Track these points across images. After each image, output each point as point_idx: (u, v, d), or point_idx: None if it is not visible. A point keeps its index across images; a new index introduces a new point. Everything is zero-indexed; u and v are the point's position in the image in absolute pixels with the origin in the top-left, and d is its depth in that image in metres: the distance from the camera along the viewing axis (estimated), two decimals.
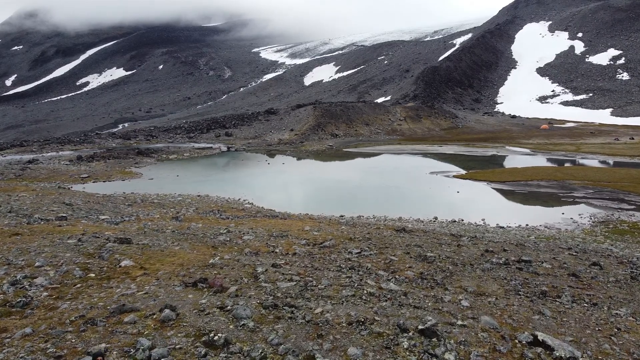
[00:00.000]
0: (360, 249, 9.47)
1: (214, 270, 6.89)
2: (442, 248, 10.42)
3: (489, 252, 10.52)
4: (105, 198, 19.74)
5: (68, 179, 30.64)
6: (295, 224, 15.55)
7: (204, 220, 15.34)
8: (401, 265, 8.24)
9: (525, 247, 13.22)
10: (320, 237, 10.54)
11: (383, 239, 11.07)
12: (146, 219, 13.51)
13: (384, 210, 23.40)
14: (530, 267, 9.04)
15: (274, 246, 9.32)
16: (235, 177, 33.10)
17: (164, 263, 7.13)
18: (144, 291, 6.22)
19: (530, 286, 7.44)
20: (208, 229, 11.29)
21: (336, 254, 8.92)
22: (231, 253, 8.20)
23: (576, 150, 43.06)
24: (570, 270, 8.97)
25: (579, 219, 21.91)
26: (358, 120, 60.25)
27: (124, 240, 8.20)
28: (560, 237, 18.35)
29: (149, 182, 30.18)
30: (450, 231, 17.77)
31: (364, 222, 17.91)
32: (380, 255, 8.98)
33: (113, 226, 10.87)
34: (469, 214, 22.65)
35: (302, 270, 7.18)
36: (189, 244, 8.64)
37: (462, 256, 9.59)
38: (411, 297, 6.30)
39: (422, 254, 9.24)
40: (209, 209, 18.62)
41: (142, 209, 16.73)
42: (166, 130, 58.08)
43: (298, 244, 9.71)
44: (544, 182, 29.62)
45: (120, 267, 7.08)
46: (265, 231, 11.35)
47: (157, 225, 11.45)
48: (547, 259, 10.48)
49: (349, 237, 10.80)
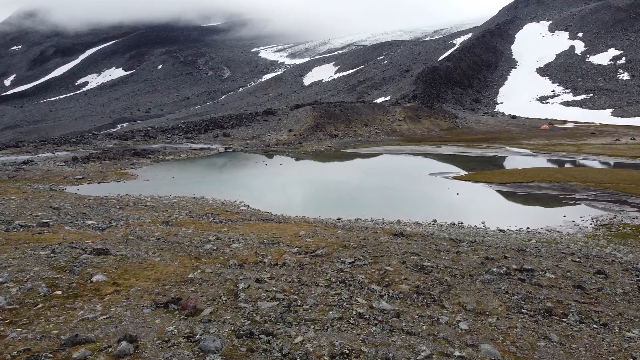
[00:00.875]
0: (354, 258, 9.05)
1: (191, 287, 6.43)
2: (440, 256, 10.00)
3: (489, 260, 10.10)
4: (97, 201, 19.32)
5: (62, 181, 30.23)
6: (290, 228, 15.14)
7: (196, 224, 14.92)
8: (396, 276, 7.82)
9: (526, 253, 12.80)
10: (313, 245, 10.11)
11: (379, 245, 10.65)
12: (135, 224, 13.08)
13: (383, 212, 23.00)
14: (533, 278, 8.62)
15: (263, 255, 8.90)
16: (232, 179, 32.70)
17: (139, 278, 6.68)
18: (108, 314, 5.68)
19: (533, 301, 7.02)
20: (197, 235, 10.87)
21: (328, 263, 8.50)
22: (214, 265, 7.77)
23: (577, 151, 42.64)
24: (575, 281, 8.56)
25: (581, 221, 21.50)
26: (357, 121, 59.83)
27: (101, 251, 7.73)
28: (562, 240, 17.93)
29: (144, 184, 29.77)
30: (450, 235, 17.36)
31: (361, 226, 17.50)
32: (375, 265, 8.56)
33: (97, 233, 10.45)
34: (469, 217, 22.24)
35: (287, 286, 6.74)
36: (171, 255, 8.21)
37: (461, 265, 9.17)
38: (404, 319, 5.85)
39: (419, 264, 8.82)
40: (202, 212, 18.20)
41: (133, 213, 16.31)
42: (164, 130, 57.67)
43: (289, 252, 9.29)
44: (545, 183, 29.21)
45: (92, 282, 6.58)
46: (257, 237, 10.93)
47: (144, 232, 11.02)
48: (549, 267, 10.07)
49: (343, 245, 10.37)
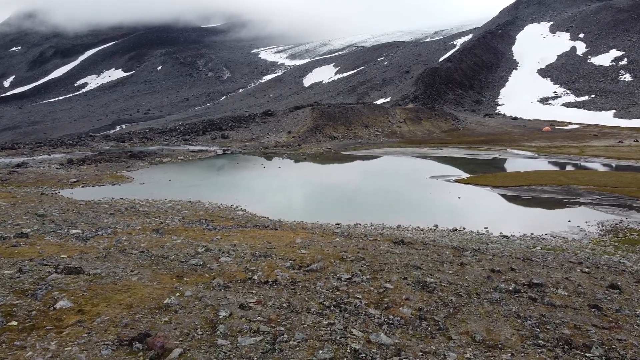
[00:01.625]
0: (352, 273, 8.45)
1: (165, 316, 5.79)
2: (443, 268, 9.42)
3: (495, 273, 9.52)
4: (87, 206, 18.75)
5: (56, 184, 29.66)
6: (286, 235, 14.57)
7: (188, 231, 14.34)
8: (397, 296, 7.23)
9: (533, 263, 12.22)
10: (308, 257, 9.52)
11: (378, 256, 10.07)
12: (124, 232, 12.50)
13: (383, 216, 22.41)
14: (545, 296, 8.04)
15: (253, 271, 8.29)
16: (229, 181, 32.13)
17: (109, 303, 6.05)
18: (60, 357, 4.98)
19: (549, 328, 6.43)
20: (185, 246, 10.28)
21: (323, 280, 7.89)
22: (196, 286, 7.15)
23: (580, 153, 42.06)
24: (590, 298, 7.99)
25: (587, 227, 20.92)
26: (357, 122, 59.26)
27: (73, 270, 7.06)
28: (567, 247, 17.35)
29: (139, 187, 29.18)
30: (452, 242, 16.78)
31: (360, 232, 16.92)
32: (374, 282, 7.97)
33: (79, 244, 9.87)
34: (471, 222, 21.65)
35: (274, 314, 6.12)
36: (151, 272, 7.61)
37: (466, 280, 8.59)
38: (406, 357, 5.25)
39: (421, 280, 8.23)
40: (196, 218, 17.62)
41: (124, 219, 15.73)
42: (161, 132, 57.11)
43: (282, 267, 8.70)
44: (548, 187, 28.63)
45: (54, 310, 5.81)
46: (249, 248, 10.33)
47: (130, 242, 10.44)
48: (559, 280, 9.49)
49: (340, 257, 9.77)
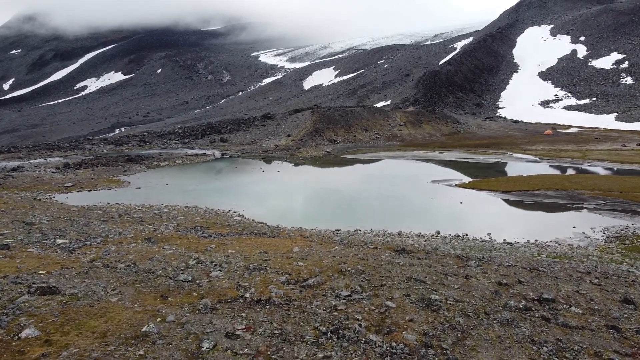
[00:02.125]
0: (351, 289, 7.95)
1: (141, 348, 5.26)
2: (448, 282, 8.93)
3: (502, 286, 9.03)
4: (80, 212, 18.26)
5: (51, 188, 29.19)
6: (284, 243, 14.09)
7: (182, 239, 13.85)
8: (399, 316, 6.75)
9: (540, 274, 11.74)
10: (305, 270, 9.03)
11: (379, 268, 9.58)
12: (114, 241, 12.01)
13: (383, 222, 21.94)
14: (558, 314, 7.55)
15: (246, 287, 7.80)
16: (228, 186, 31.63)
17: (82, 331, 5.53)
18: None
19: (568, 357, 5.93)
20: (176, 257, 9.79)
21: (320, 298, 7.40)
22: (181, 308, 6.66)
23: (582, 157, 41.57)
24: (606, 317, 7.51)
25: (592, 233, 20.43)
26: (357, 126, 58.82)
27: (48, 290, 6.50)
28: (573, 255, 16.86)
29: (136, 192, 28.71)
30: (455, 250, 16.29)
31: (360, 240, 16.42)
32: (375, 299, 7.48)
33: (63, 257, 9.38)
34: (474, 228, 21.17)
35: (264, 344, 5.60)
36: (134, 291, 7.12)
37: (473, 297, 8.10)
38: None
39: (425, 297, 7.74)
40: (191, 224, 17.14)
41: (116, 227, 15.24)
42: (160, 135, 56.66)
43: (276, 282, 8.21)
44: (551, 191, 28.14)
45: (18, 340, 5.16)
46: (243, 260, 9.84)
47: (119, 253, 9.96)
48: (570, 294, 9.00)
49: (338, 269, 9.28)
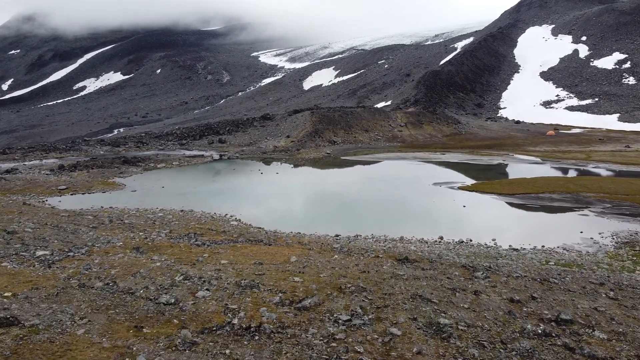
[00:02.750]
0: (351, 311, 7.28)
1: None
2: (456, 300, 8.25)
3: (515, 304, 8.36)
4: (70, 218, 17.57)
5: (44, 191, 28.52)
6: (280, 252, 13.41)
7: (173, 248, 13.17)
8: (406, 347, 6.08)
9: (552, 286, 11.07)
10: (301, 288, 8.34)
11: (382, 283, 8.91)
12: (100, 251, 11.32)
13: (384, 227, 21.27)
14: (581, 342, 6.87)
15: (235, 311, 7.11)
16: (225, 189, 30.95)
17: None
18: None
19: None
20: (163, 271, 9.10)
21: (317, 324, 6.72)
22: (156, 342, 5.97)
23: (586, 159, 40.87)
24: (634, 344, 6.82)
25: (600, 238, 19.76)
26: (357, 126, 58.13)
27: (5, 321, 5.63)
28: (583, 262, 16.19)
29: (131, 195, 28.04)
30: (459, 258, 15.62)
31: (360, 247, 15.74)
32: (378, 325, 6.80)
33: (39, 272, 8.70)
34: (478, 233, 20.49)
35: None
36: (106, 320, 6.43)
37: (486, 319, 7.43)
38: None
39: (434, 320, 7.07)
40: (185, 231, 16.45)
41: (105, 234, 14.56)
42: (157, 136, 55.97)
43: (269, 303, 7.52)
44: (556, 194, 27.45)
45: None
46: (235, 274, 9.14)
47: (102, 267, 9.29)
48: (588, 312, 8.33)
49: (338, 286, 8.59)
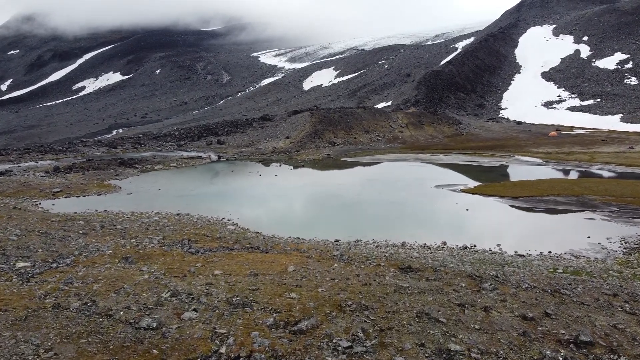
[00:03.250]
0: (352, 335, 6.65)
1: None
2: (465, 319, 7.65)
3: (529, 322, 7.77)
4: (60, 223, 16.96)
5: (38, 194, 27.92)
6: (278, 261, 12.83)
7: (165, 256, 12.58)
8: None
9: (564, 299, 10.48)
10: (297, 306, 7.69)
11: (385, 299, 8.30)
12: (86, 262, 10.71)
13: (386, 231, 20.66)
14: None
15: (223, 336, 6.47)
16: (223, 191, 30.33)
17: None
18: None
19: None
20: (150, 286, 8.47)
21: (314, 352, 6.07)
22: None
23: (590, 160, 40.24)
24: None
25: (608, 244, 19.14)
26: (357, 127, 57.51)
27: None
28: (592, 270, 15.58)
29: (126, 198, 27.44)
30: (464, 265, 15.02)
31: (361, 254, 15.13)
32: (382, 352, 6.15)
33: (14, 289, 8.09)
34: (482, 238, 19.88)
35: None
36: (75, 351, 5.73)
37: (500, 343, 6.82)
38: None
39: (443, 346, 6.46)
40: (179, 237, 15.85)
41: (95, 240, 13.96)
42: (155, 137, 55.35)
43: (262, 325, 6.89)
44: (561, 197, 26.84)
45: None
46: (227, 289, 8.50)
47: (85, 280, 8.66)
48: (607, 331, 7.74)
49: (337, 303, 7.96)
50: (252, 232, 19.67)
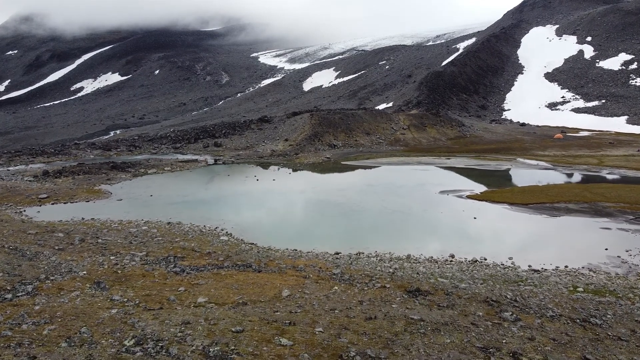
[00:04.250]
0: None
1: None
2: None
3: None
4: (37, 236, 15.64)
5: (24, 200, 26.63)
6: (271, 283, 11.52)
7: (145, 278, 11.28)
8: None
9: (598, 333, 9.18)
10: (288, 356, 6.37)
11: (393, 342, 6.98)
12: (51, 288, 9.38)
13: (389, 242, 19.38)
14: None
15: None
16: (217, 197, 28.99)
17: None
18: None
19: None
20: (113, 329, 7.09)
21: None
22: None
23: (599, 164, 38.89)
24: None
25: (628, 257, 17.84)
26: (358, 129, 56.16)
27: None
28: (615, 288, 14.31)
29: (116, 205, 26.11)
30: (477, 283, 13.73)
31: (364, 271, 13.82)
32: None
33: None
34: (492, 250, 18.59)
35: None
36: None
37: None
38: None
39: None
40: (165, 252, 14.54)
41: (69, 259, 12.65)
42: (151, 140, 53.99)
43: None
44: (572, 204, 25.51)
45: None
46: (206, 333, 7.05)
47: (40, 318, 7.32)
48: None
49: (337, 353, 6.63)
50: (247, 244, 18.38)
